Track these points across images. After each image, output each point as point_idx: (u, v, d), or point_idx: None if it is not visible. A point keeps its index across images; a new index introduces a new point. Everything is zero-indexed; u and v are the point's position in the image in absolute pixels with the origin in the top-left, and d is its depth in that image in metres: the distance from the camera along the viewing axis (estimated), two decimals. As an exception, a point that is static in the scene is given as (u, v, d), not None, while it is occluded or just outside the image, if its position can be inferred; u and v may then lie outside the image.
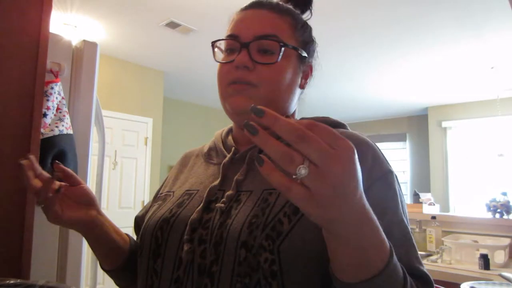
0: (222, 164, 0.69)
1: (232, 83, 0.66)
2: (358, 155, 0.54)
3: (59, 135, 1.23)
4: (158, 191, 0.82)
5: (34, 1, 1.05)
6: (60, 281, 1.26)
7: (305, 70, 0.73)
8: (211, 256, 0.57)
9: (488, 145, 5.41)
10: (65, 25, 3.13)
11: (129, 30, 3.41)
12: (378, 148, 0.65)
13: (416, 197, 3.12)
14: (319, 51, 0.76)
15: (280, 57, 0.65)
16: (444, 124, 5.84)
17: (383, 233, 0.43)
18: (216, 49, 0.70)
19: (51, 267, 1.28)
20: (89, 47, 1.42)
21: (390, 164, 0.64)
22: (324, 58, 0.76)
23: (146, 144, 4.39)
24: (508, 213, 2.55)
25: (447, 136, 5.85)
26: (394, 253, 0.45)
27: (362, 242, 0.41)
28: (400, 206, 0.59)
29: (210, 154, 0.77)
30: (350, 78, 4.64)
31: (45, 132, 1.20)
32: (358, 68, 4.26)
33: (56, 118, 1.25)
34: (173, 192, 0.73)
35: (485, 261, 2.12)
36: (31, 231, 1.01)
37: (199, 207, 0.63)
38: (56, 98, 1.25)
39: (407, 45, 3.55)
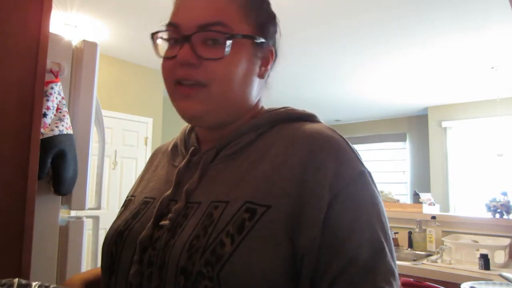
0: (177, 170, 0.62)
1: (177, 83, 0.58)
2: (317, 160, 0.51)
3: (59, 135, 1.23)
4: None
5: (34, 1, 1.05)
6: (60, 281, 1.26)
7: (265, 56, 0.63)
8: (156, 281, 0.52)
9: (488, 145, 5.41)
10: (66, 25, 3.13)
11: (129, 30, 3.41)
12: (347, 144, 0.55)
13: (416, 197, 3.12)
14: (319, 49, 0.71)
15: (227, 50, 0.55)
16: (444, 124, 5.83)
17: None
18: (159, 40, 0.60)
19: (51, 267, 1.28)
20: (89, 47, 1.43)
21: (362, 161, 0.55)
22: (324, 58, 0.74)
23: (146, 144, 4.39)
24: (508, 213, 2.55)
25: (447, 136, 5.84)
26: None
27: None
28: (375, 213, 0.52)
29: (172, 154, 0.70)
30: (349, 78, 4.63)
31: (45, 132, 1.20)
32: (357, 68, 4.26)
33: (56, 118, 1.25)
34: (135, 197, 0.68)
35: (485, 261, 2.12)
36: (31, 231, 1.01)
37: (150, 223, 0.57)
38: (56, 98, 1.25)
39: (406, 45, 3.55)
